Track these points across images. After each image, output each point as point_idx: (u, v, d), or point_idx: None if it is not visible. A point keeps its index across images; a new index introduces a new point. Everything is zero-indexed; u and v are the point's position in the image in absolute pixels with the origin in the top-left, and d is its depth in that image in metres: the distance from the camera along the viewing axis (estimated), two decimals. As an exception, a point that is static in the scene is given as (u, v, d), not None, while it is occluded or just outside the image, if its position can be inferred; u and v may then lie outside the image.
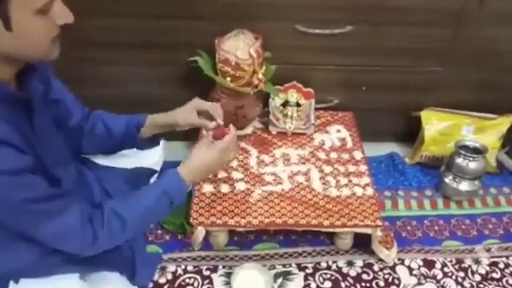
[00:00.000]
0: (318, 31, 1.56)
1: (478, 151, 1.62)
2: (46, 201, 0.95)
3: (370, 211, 1.39)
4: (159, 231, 1.54)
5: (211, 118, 1.26)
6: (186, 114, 1.26)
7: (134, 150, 1.47)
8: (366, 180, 1.49)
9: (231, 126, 1.21)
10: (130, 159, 1.53)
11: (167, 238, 1.52)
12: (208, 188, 1.44)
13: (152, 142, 1.34)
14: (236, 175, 1.49)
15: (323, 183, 1.47)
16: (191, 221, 1.36)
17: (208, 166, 1.17)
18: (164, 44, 1.58)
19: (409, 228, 1.59)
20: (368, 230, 1.39)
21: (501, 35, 1.59)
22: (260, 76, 1.51)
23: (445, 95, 1.75)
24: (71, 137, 1.23)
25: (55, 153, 1.08)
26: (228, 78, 1.49)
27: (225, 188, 1.44)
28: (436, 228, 1.59)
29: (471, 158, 1.59)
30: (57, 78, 1.18)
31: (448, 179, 1.65)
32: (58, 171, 1.07)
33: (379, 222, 1.37)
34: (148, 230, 1.53)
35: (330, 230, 1.40)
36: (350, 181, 1.48)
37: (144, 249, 1.45)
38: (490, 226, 1.60)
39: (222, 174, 1.48)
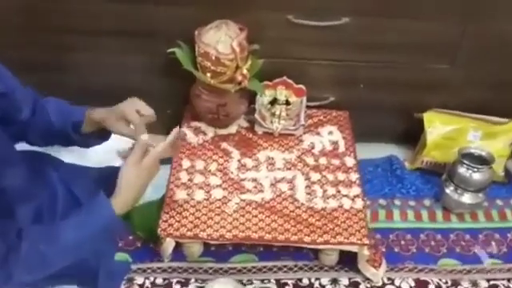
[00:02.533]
0: (312, 23, 1.41)
1: (484, 161, 1.47)
2: None
3: (356, 227, 1.26)
4: (130, 237, 1.42)
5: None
6: (111, 118, 1.09)
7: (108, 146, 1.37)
8: (356, 191, 1.35)
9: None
10: (101, 156, 1.43)
11: (139, 245, 1.41)
12: (181, 194, 1.32)
13: (98, 138, 1.18)
14: (213, 181, 1.36)
15: (308, 193, 1.34)
16: (159, 232, 1.24)
17: (140, 189, 1.04)
18: (141, 32, 1.44)
19: (402, 242, 1.45)
20: (354, 248, 1.27)
21: (514, 32, 1.42)
22: (244, 72, 1.37)
23: (451, 95, 1.60)
24: (19, 131, 1.10)
25: None
26: (208, 74, 1.35)
27: (199, 195, 1.32)
28: (432, 243, 1.46)
29: (475, 169, 1.44)
30: (4, 67, 1.04)
31: (449, 190, 1.51)
32: (0, 178, 0.96)
33: (366, 241, 1.24)
34: (118, 236, 1.42)
35: (312, 246, 1.27)
36: (339, 191, 1.35)
37: (112, 256, 1.35)
38: (493, 243, 1.46)
39: (198, 179, 1.36)
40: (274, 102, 1.52)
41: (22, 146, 1.16)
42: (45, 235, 0.96)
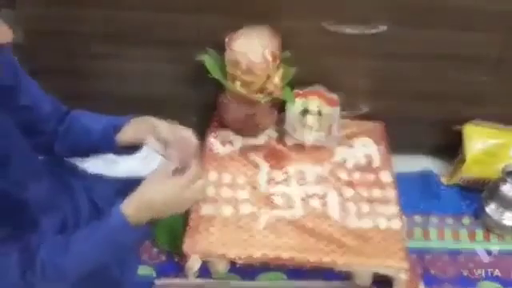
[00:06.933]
0: (348, 30, 1.34)
1: (530, 179, 1.38)
2: None
3: (394, 249, 1.19)
4: (155, 249, 1.38)
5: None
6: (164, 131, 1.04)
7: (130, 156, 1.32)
8: (393, 209, 1.27)
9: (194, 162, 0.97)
10: (125, 167, 1.38)
11: (163, 258, 1.37)
12: (208, 209, 1.26)
13: (131, 147, 1.14)
14: (241, 195, 1.30)
15: (342, 210, 1.27)
16: (184, 249, 1.19)
17: (160, 198, 0.95)
18: (169, 39, 1.39)
19: (439, 264, 1.38)
20: (391, 272, 1.19)
21: None
22: (276, 81, 1.31)
23: (493, 108, 1.51)
24: (46, 142, 1.08)
25: (20, 169, 0.93)
26: (238, 83, 1.29)
27: (227, 210, 1.26)
28: (471, 265, 1.37)
29: (520, 188, 1.36)
30: (28, 78, 1.01)
31: (489, 208, 1.42)
32: (23, 190, 0.93)
33: (405, 265, 1.16)
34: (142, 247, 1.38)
35: (345, 268, 1.20)
36: (374, 209, 1.28)
37: (135, 271, 1.31)
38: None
39: (225, 193, 1.30)
40: (305, 112, 1.45)
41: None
42: (57, 246, 0.93)
